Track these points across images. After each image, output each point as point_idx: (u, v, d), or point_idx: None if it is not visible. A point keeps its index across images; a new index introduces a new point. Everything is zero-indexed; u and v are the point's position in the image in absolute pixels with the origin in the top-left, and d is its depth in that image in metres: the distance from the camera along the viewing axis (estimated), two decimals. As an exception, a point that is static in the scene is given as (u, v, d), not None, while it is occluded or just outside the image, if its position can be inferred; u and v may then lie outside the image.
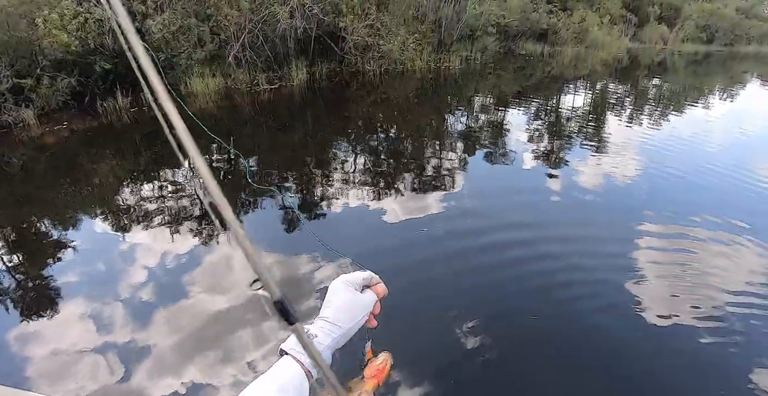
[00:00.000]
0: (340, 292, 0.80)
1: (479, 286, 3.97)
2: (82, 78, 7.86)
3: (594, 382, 3.02)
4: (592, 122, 10.38)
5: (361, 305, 0.80)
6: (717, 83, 15.74)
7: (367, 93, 11.52)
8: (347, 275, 0.83)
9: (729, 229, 5.08)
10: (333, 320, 0.76)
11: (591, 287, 3.98)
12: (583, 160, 7.38)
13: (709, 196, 6.06)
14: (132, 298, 3.78)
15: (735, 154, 8.09)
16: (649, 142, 8.66)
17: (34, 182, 6.24)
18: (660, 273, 4.23)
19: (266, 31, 10.96)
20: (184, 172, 6.43)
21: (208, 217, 5.09)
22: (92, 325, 3.50)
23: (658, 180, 6.61)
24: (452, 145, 8.13)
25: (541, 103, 12.19)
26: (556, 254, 4.48)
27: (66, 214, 5.34)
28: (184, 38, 9.68)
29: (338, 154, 7.42)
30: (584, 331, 3.47)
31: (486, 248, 4.55)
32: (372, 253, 4.46)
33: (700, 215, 5.36)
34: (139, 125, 8.16)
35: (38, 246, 4.70)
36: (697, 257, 4.52)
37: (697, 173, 6.93)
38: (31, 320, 3.56)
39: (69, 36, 7.64)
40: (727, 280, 4.16)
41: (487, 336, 3.38)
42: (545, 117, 10.62)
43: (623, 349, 3.31)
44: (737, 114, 11.83)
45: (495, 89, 13.39)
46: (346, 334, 0.77)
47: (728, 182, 6.58)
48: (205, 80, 9.60)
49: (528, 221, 5.20)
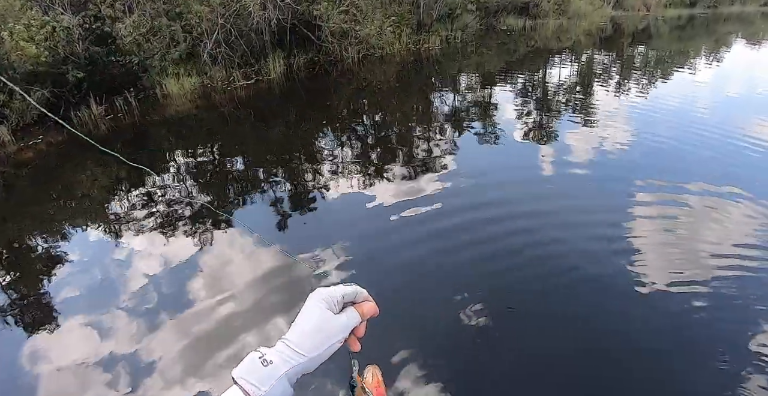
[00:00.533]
0: (310, 310, 0.68)
1: (475, 261, 4.03)
2: (55, 89, 7.71)
3: (588, 347, 3.09)
4: (579, 94, 10.35)
5: (333, 330, 0.68)
6: (702, 46, 15.67)
7: (348, 81, 11.39)
8: (325, 290, 0.71)
9: (718, 193, 5.12)
10: (295, 346, 0.66)
11: (584, 256, 4.04)
12: (573, 132, 7.38)
13: (698, 160, 6.09)
14: (133, 307, 3.78)
15: (723, 116, 8.11)
16: (638, 110, 8.66)
17: (16, 199, 6.18)
18: (652, 239, 4.28)
19: (240, 25, 10.76)
20: (171, 175, 6.41)
21: (199, 219, 5.10)
22: (96, 337, 3.51)
23: (647, 147, 6.64)
24: (440, 126, 8.10)
25: (526, 78, 12.11)
26: (548, 226, 4.54)
27: (54, 228, 5.31)
28: (155, 39, 9.50)
29: (324, 145, 7.37)
30: (578, 299, 3.54)
31: (480, 224, 4.60)
32: (365, 238, 4.50)
33: (690, 180, 5.40)
34: (118, 132, 8.05)
35: (31, 263, 4.68)
36: (688, 222, 4.58)
37: (686, 138, 6.95)
38: (33, 337, 3.56)
39: (37, 47, 7.48)
40: (717, 244, 4.21)
41: (487, 308, 3.43)
42: (532, 92, 10.57)
43: (617, 315, 3.38)
44: (723, 76, 11.80)
45: (479, 67, 13.27)
46: (311, 362, 0.66)
47: (717, 145, 6.61)
48: (180, 81, 9.45)
49: (520, 196, 5.25)
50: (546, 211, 4.86)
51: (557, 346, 3.10)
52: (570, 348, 3.10)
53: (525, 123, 8.12)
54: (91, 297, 3.97)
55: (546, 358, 3.02)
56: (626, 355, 3.04)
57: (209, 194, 6.02)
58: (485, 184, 5.66)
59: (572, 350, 3.09)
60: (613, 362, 2.99)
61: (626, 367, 2.94)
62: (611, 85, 11.27)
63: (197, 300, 3.78)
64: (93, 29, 8.56)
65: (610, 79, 11.86)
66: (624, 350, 3.09)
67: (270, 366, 0.62)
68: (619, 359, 3.01)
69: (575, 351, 3.08)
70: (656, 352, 3.02)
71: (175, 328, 3.51)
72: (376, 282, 3.85)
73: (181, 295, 3.86)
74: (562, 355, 3.04)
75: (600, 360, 3.01)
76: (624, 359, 3.01)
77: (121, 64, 9.00)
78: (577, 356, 3.05)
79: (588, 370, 2.94)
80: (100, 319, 3.67)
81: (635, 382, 2.83)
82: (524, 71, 12.87)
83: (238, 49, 10.94)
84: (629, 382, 2.84)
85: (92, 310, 3.78)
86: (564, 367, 2.97)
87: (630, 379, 2.85)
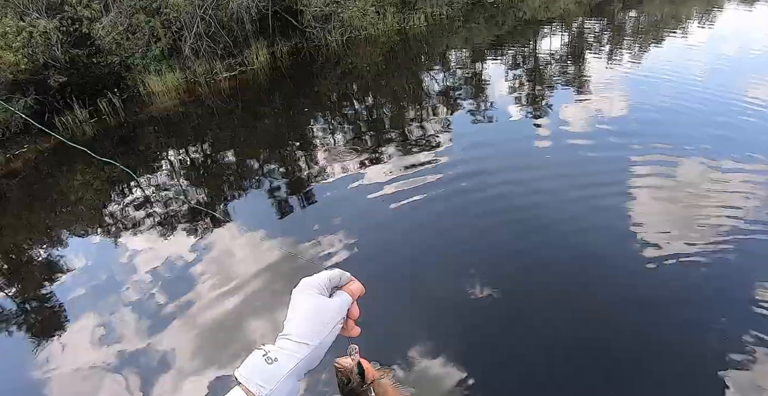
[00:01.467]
0: (301, 300, 0.67)
1: (478, 237, 4.19)
2: (38, 96, 7.79)
3: (598, 306, 3.25)
4: (571, 64, 10.24)
5: (330, 312, 0.67)
6: (694, 8, 15.29)
7: (334, 65, 11.33)
8: (308, 278, 0.70)
9: (718, 157, 5.08)
10: (297, 337, 0.64)
11: (587, 227, 4.15)
12: (568, 104, 7.35)
13: (696, 125, 6.01)
14: (139, 306, 3.98)
15: (718, 79, 7.99)
16: (632, 78, 8.57)
17: (11, 209, 6.36)
18: (653, 206, 4.35)
19: (220, 16, 10.67)
20: (164, 174, 6.54)
21: (196, 216, 5.25)
22: (106, 337, 3.72)
23: (643, 115, 6.58)
24: (432, 104, 8.09)
25: (517, 50, 11.96)
26: (548, 198, 4.64)
27: (52, 235, 5.52)
28: (135, 37, 9.47)
29: (315, 131, 7.44)
30: (583, 269, 3.68)
31: (479, 200, 4.74)
32: (367, 221, 4.67)
33: (689, 146, 5.37)
34: (106, 133, 8.16)
35: (33, 270, 4.92)
36: (689, 188, 4.60)
37: (683, 104, 6.86)
38: (47, 342, 3.78)
39: (15, 55, 7.53)
40: (720, 204, 4.26)
41: (491, 282, 3.60)
42: (524, 64, 10.46)
43: (621, 285, 3.49)
44: (716, 38, 11.58)
45: (468, 42, 13.09)
46: (316, 351, 0.65)
47: (715, 109, 6.50)
48: (163, 78, 9.47)
49: (518, 169, 5.31)
50: (545, 184, 4.92)
51: (563, 317, 3.24)
52: (576, 318, 3.23)
53: (518, 96, 8.11)
54: (97, 299, 4.18)
55: (553, 330, 3.15)
56: (632, 324, 3.15)
57: (204, 190, 6.18)
58: (482, 159, 5.71)
59: (579, 321, 3.21)
60: (619, 332, 3.11)
61: (632, 335, 3.06)
62: (603, 53, 11.12)
63: (201, 295, 3.95)
64: (71, 32, 8.57)
65: (602, 48, 11.68)
66: (630, 321, 3.19)
67: (275, 364, 0.61)
68: (625, 329, 3.13)
69: (582, 321, 3.21)
70: (661, 318, 3.15)
71: (182, 324, 3.69)
72: (382, 263, 4.01)
73: (184, 291, 4.03)
74: (568, 327, 3.17)
75: (606, 331, 3.14)
76: (629, 329, 3.12)
77: (102, 65, 9.04)
78: (582, 326, 3.18)
79: (594, 341, 3.08)
80: (109, 320, 3.87)
81: (641, 349, 2.94)
82: (514, 44, 12.69)
83: (221, 40, 10.88)
84: (635, 348, 2.95)
85: (100, 311, 3.99)
86: (570, 339, 3.10)
87: (635, 347, 2.97)
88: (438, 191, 4.98)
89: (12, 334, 4.00)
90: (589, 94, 7.77)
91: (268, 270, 4.09)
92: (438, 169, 5.42)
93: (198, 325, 3.65)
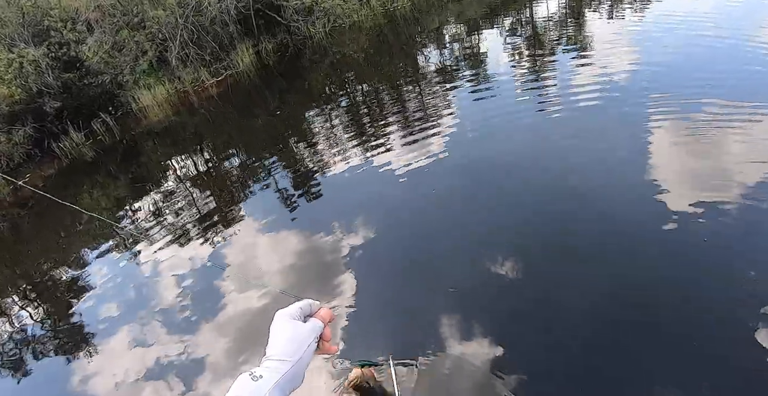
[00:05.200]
0: (278, 326, 0.81)
1: (496, 210, 4.31)
2: (36, 124, 8.35)
3: (621, 282, 3.27)
4: (572, 25, 10.08)
5: (305, 333, 0.81)
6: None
7: (321, 57, 11.55)
8: (284, 310, 0.84)
9: (737, 106, 4.92)
10: (279, 355, 0.76)
11: (607, 192, 4.17)
12: (574, 66, 7.15)
13: (711, 76, 5.76)
14: (168, 315, 4.29)
15: (730, 24, 7.66)
16: (637, 32, 8.33)
17: (27, 238, 6.95)
18: (674, 164, 4.29)
19: (202, 21, 11.03)
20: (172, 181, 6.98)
21: (210, 221, 5.61)
22: (141, 349, 4.03)
23: (654, 69, 6.30)
24: (431, 83, 8.12)
25: (513, 18, 11.87)
26: (565, 165, 4.65)
27: (71, 256, 5.99)
28: (122, 53, 9.94)
29: (312, 125, 7.64)
30: (607, 234, 3.71)
31: (493, 173, 4.86)
32: (379, 206, 4.87)
33: (706, 98, 5.21)
34: (105, 153, 8.69)
35: (57, 292, 5.35)
36: (710, 141, 4.51)
37: (695, 54, 6.51)
38: (85, 360, 4.13)
39: (9, 87, 8.07)
40: (745, 159, 4.14)
41: (515, 254, 3.71)
42: (522, 32, 10.37)
43: (647, 248, 3.50)
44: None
45: (460, 16, 13.05)
46: (297, 367, 0.76)
47: (728, 57, 6.23)
48: (153, 91, 9.93)
49: (529, 139, 5.33)
50: (561, 150, 4.92)
51: (589, 286, 3.30)
52: (603, 284, 3.28)
53: (520, 65, 8.02)
54: (127, 313, 4.53)
55: (579, 300, 3.21)
56: (660, 288, 3.16)
57: (212, 192, 6.49)
58: (492, 132, 5.76)
59: (606, 286, 3.26)
60: (648, 297, 3.11)
61: (660, 298, 3.08)
62: (604, 10, 10.95)
63: (227, 298, 4.21)
64: (59, 56, 9.08)
65: (602, 4, 11.49)
66: (657, 285, 3.19)
67: (260, 380, 0.71)
68: (653, 293, 3.13)
69: (609, 286, 3.26)
70: (688, 280, 3.16)
71: (212, 328, 3.97)
72: (399, 247, 4.21)
73: (210, 297, 4.31)
74: (594, 294, 3.23)
75: (634, 296, 3.16)
76: (658, 293, 3.12)
77: (94, 85, 9.55)
78: (610, 291, 3.22)
79: (620, 303, 3.13)
80: (141, 333, 4.20)
81: (670, 310, 2.98)
82: (509, 12, 12.58)
83: (207, 46, 11.26)
84: (663, 312, 2.99)
85: (131, 325, 4.33)
86: (595, 306, 3.14)
87: (664, 308, 3.01)
88: (449, 168, 5.09)
89: (49, 352, 4.41)
90: (595, 53, 7.54)
91: (299, 264, 4.36)
92: (445, 149, 5.49)
93: (229, 325, 3.90)
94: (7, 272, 6.32)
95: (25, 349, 4.55)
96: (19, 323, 4.95)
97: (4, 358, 4.50)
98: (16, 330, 4.85)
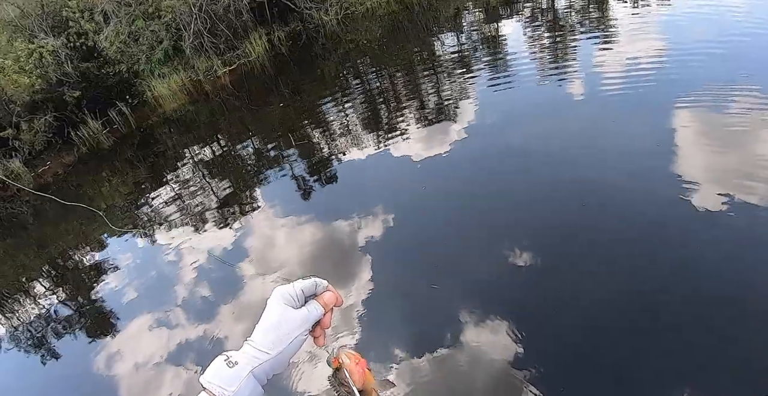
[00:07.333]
0: (270, 309, 0.74)
1: (519, 198, 4.40)
2: (56, 113, 8.72)
3: (649, 279, 3.30)
4: (596, 11, 9.95)
5: (293, 324, 0.73)
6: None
7: (335, 44, 11.66)
8: (283, 287, 0.76)
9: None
10: (258, 345, 0.71)
11: (634, 184, 4.15)
12: (599, 55, 6.93)
13: (743, 67, 5.60)
14: (189, 297, 4.53)
15: (765, 10, 7.58)
16: (665, 19, 8.10)
17: (49, 223, 7.33)
18: (705, 159, 4.24)
19: (216, 10, 11.23)
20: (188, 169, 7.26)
21: (227, 208, 5.86)
22: (163, 332, 4.26)
23: (683, 59, 6.15)
24: (449, 71, 8.12)
25: (534, 4, 11.78)
26: (591, 157, 4.68)
27: (94, 240, 6.33)
28: (136, 44, 10.24)
29: (327, 114, 7.78)
30: (632, 228, 3.74)
31: (517, 163, 4.87)
32: (398, 195, 4.99)
33: (738, 89, 5.11)
34: (122, 141, 9.04)
35: (83, 276, 5.67)
36: (742, 135, 4.44)
37: (727, 43, 6.13)
38: (108, 342, 4.40)
39: (29, 76, 8.44)
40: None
41: (535, 246, 3.80)
42: (543, 17, 10.30)
43: (677, 243, 3.52)
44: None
45: (478, 2, 13.00)
46: (278, 359, 0.71)
47: (763, 47, 6.09)
48: (168, 80, 10.21)
49: (553, 129, 5.29)
50: (586, 141, 4.92)
51: (610, 282, 3.34)
52: (623, 281, 3.31)
53: (543, 52, 7.91)
54: (149, 297, 4.79)
55: (604, 293, 3.29)
56: (681, 287, 3.18)
57: (229, 180, 6.73)
58: (514, 121, 5.75)
59: (626, 283, 3.29)
60: (668, 294, 3.15)
61: (680, 297, 3.11)
62: (629, -5, 10.74)
63: (245, 285, 4.41)
64: (77, 46, 9.42)
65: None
66: (679, 283, 3.22)
67: (236, 367, 0.68)
68: (673, 291, 3.16)
69: (629, 284, 3.29)
70: (720, 280, 3.15)
71: (228, 313, 4.16)
72: (415, 236, 4.32)
73: (230, 280, 4.52)
74: (614, 291, 3.27)
75: (654, 293, 3.20)
76: (679, 291, 3.15)
77: (112, 74, 9.89)
78: (629, 289, 3.26)
79: (650, 300, 3.17)
80: (161, 317, 4.44)
81: (690, 307, 3.02)
82: (530, -4, 12.48)
83: (221, 34, 11.48)
84: (689, 307, 3.03)
85: (153, 308, 4.57)
86: (620, 302, 3.20)
87: (683, 306, 3.05)
88: (467, 157, 5.15)
89: (75, 335, 4.70)
90: (621, 41, 7.37)
91: (317, 248, 4.53)
92: (467, 136, 5.53)
93: (248, 309, 4.10)
94: (32, 255, 6.70)
95: (48, 329, 4.86)
96: (47, 304, 5.29)
97: (32, 336, 4.84)
98: (42, 310, 5.19)
